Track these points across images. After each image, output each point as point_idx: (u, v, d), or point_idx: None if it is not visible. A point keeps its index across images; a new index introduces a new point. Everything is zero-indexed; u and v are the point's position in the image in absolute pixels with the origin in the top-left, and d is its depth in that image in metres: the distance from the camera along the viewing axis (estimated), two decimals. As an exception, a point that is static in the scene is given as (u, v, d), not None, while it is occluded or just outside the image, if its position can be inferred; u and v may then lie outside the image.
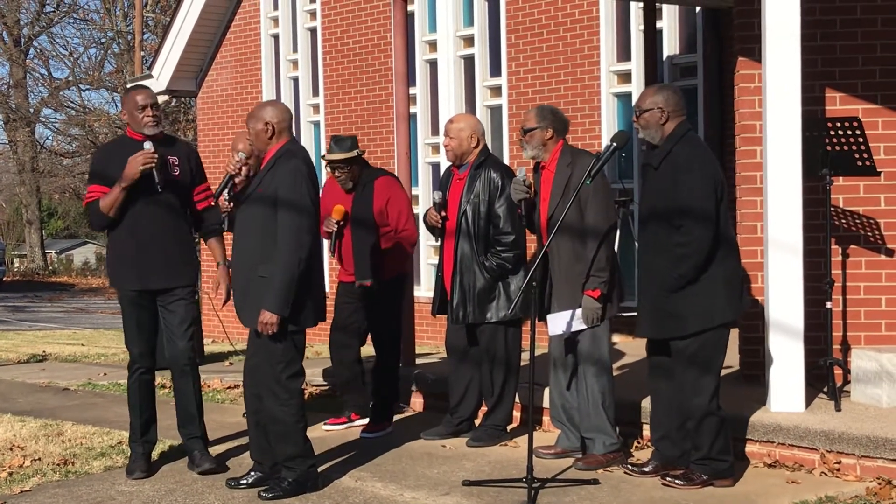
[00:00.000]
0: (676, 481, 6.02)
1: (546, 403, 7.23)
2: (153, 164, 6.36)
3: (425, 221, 7.38)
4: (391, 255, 7.63)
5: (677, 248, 5.88)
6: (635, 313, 6.31)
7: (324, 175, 8.36)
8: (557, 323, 6.59)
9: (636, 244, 6.96)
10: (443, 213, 7.26)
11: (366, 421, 7.76)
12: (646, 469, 6.27)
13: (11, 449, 7.32)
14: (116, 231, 6.58)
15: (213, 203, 6.60)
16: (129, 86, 6.34)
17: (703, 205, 5.86)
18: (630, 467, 6.35)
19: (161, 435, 6.92)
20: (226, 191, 6.31)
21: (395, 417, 8.26)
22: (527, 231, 7.12)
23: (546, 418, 7.36)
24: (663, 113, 6.05)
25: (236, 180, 6.28)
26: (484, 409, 7.46)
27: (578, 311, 6.51)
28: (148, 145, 6.41)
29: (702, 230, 5.85)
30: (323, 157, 7.83)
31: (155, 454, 6.84)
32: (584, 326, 6.54)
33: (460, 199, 7.20)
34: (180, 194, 6.60)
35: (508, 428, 7.40)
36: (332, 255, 7.76)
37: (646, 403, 7.06)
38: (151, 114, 6.51)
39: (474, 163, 7.24)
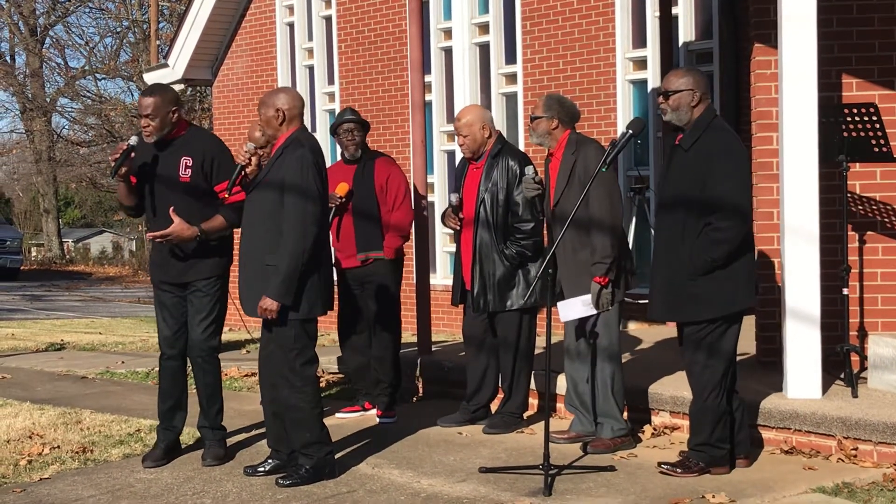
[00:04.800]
0: (676, 469, 6.02)
1: (561, 390, 7.25)
2: (117, 155, 6.43)
3: (443, 223, 7.44)
4: (388, 235, 7.75)
5: (713, 233, 5.82)
6: (646, 300, 6.31)
7: (337, 157, 8.42)
8: (567, 310, 6.62)
9: (652, 231, 6.96)
10: (460, 215, 7.30)
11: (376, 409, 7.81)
12: None
13: (31, 437, 7.36)
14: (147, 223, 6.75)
15: (226, 196, 6.54)
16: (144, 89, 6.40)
17: (742, 192, 5.86)
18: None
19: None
20: (238, 182, 6.32)
21: (410, 403, 8.31)
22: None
23: (560, 405, 7.37)
24: (694, 95, 6.01)
25: (247, 170, 6.28)
26: (500, 396, 7.48)
27: (587, 297, 6.54)
28: (132, 140, 6.52)
29: (741, 217, 5.83)
30: (332, 127, 7.90)
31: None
32: (594, 312, 6.56)
33: (478, 187, 7.21)
34: (193, 195, 6.55)
35: (525, 415, 7.42)
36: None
37: (658, 389, 7.07)
38: (143, 124, 6.52)
39: (491, 151, 7.25)
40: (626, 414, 6.83)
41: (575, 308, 6.58)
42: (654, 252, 6.25)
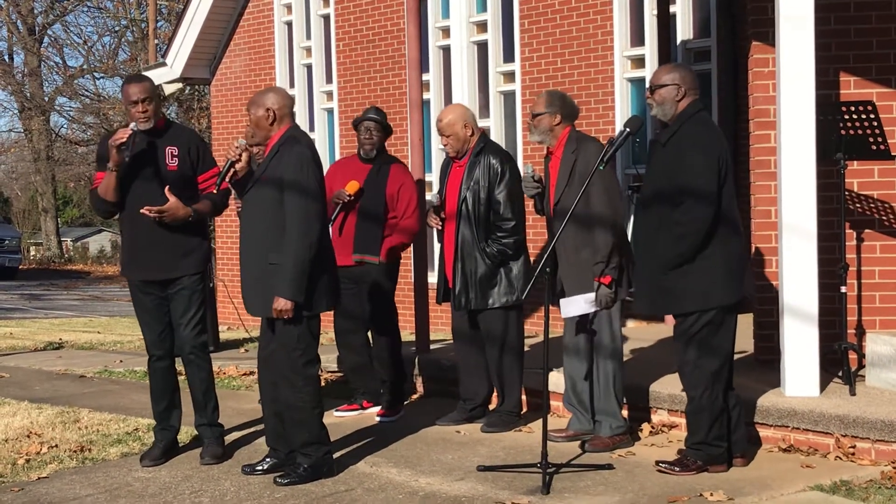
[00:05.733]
0: (674, 468, 6.02)
1: (556, 388, 7.24)
2: (123, 139, 6.35)
3: (426, 223, 7.46)
4: (391, 240, 7.75)
5: (676, 227, 5.84)
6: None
7: (336, 156, 8.43)
8: (570, 307, 6.63)
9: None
10: (442, 215, 7.31)
11: (378, 408, 7.81)
12: None
13: (29, 436, 7.36)
14: (122, 222, 6.67)
15: (214, 191, 6.57)
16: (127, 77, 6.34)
17: (705, 184, 5.81)
18: None
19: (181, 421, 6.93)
20: (227, 177, 6.31)
21: (409, 402, 8.31)
22: (527, 216, 7.18)
23: (558, 403, 7.36)
24: (679, 90, 6.01)
25: (237, 167, 6.26)
26: (496, 394, 7.48)
27: (590, 296, 6.54)
28: (133, 125, 6.45)
29: (701, 210, 5.80)
30: (355, 121, 7.90)
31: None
32: (595, 309, 6.57)
33: (460, 185, 7.23)
34: (178, 185, 6.55)
35: (521, 413, 7.42)
36: (331, 225, 7.73)
37: (656, 387, 7.08)
38: (142, 109, 6.48)
39: (474, 149, 7.27)
40: (625, 412, 6.84)
41: (577, 306, 6.60)
42: (639, 246, 6.26)
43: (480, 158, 7.22)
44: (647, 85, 6.22)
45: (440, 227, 7.36)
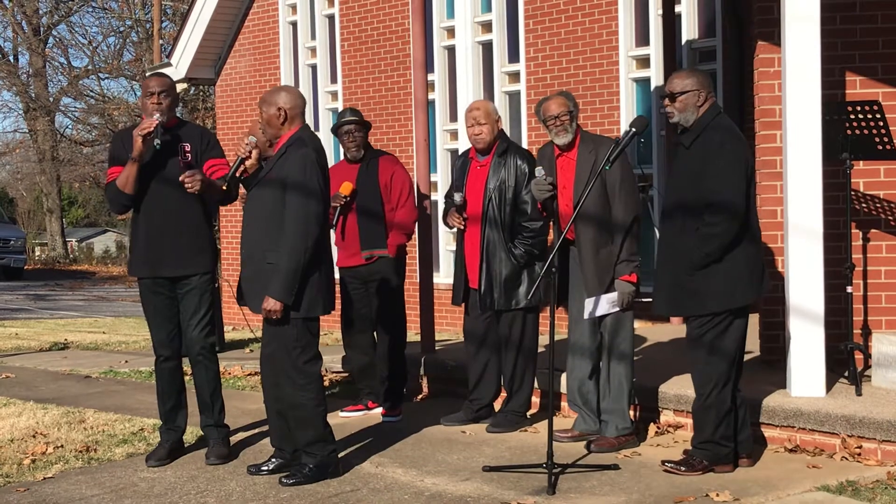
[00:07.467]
0: (680, 467, 6.01)
1: (564, 389, 7.24)
2: (150, 129, 6.36)
3: (445, 222, 7.43)
4: (392, 233, 7.76)
5: (704, 228, 5.84)
6: (650, 298, 6.32)
7: (341, 156, 8.45)
8: (592, 307, 6.61)
9: (655, 229, 6.96)
10: (464, 215, 7.28)
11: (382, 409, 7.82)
12: None
13: (34, 436, 7.36)
14: (134, 219, 6.66)
15: (224, 186, 6.56)
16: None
17: (735, 186, 5.85)
18: None
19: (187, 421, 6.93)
20: (238, 174, 6.31)
21: (414, 402, 8.31)
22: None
23: (564, 403, 7.36)
24: (700, 95, 6.02)
25: (247, 163, 6.27)
26: (503, 394, 7.47)
27: (612, 295, 6.55)
28: (157, 116, 6.45)
29: (732, 211, 5.82)
30: (333, 128, 7.93)
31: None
32: (617, 309, 6.58)
33: (485, 185, 7.20)
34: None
35: (528, 413, 7.41)
36: (334, 230, 7.74)
37: (662, 387, 7.07)
38: (156, 101, 6.50)
39: (497, 149, 7.24)
40: (631, 412, 6.83)
41: (600, 306, 6.59)
42: (659, 248, 6.27)
43: (506, 159, 7.20)
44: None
45: (463, 227, 7.34)
